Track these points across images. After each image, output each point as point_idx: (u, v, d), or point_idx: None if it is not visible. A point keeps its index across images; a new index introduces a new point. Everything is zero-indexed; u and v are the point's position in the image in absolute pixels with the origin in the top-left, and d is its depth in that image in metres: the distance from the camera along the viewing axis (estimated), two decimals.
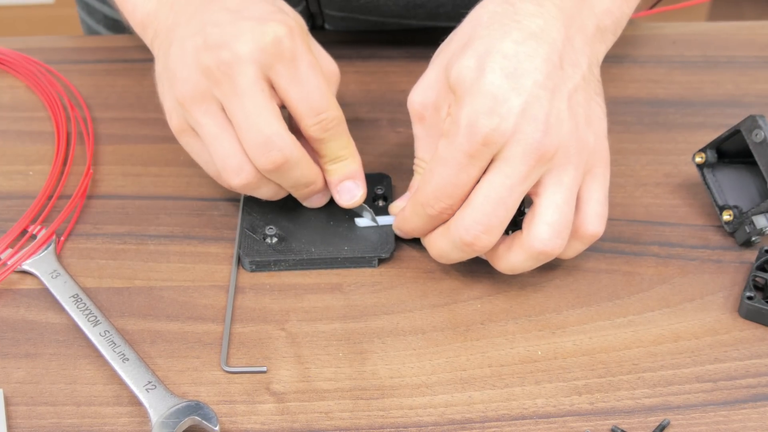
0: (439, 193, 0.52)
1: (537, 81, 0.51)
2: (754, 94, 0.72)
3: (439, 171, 0.52)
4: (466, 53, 0.52)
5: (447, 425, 0.50)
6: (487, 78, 0.50)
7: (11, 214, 0.60)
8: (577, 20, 0.55)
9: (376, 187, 0.61)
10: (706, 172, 0.61)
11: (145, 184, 0.64)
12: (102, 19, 0.87)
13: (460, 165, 0.51)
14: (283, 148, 0.53)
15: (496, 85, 0.50)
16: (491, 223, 0.51)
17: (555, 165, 0.51)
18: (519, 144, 0.50)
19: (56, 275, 0.56)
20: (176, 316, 0.55)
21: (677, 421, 0.50)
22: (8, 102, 0.70)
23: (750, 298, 0.55)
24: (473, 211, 0.51)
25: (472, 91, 0.51)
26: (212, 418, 0.48)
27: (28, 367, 0.52)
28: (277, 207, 0.60)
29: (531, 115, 0.50)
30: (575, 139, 0.52)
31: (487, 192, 0.51)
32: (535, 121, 0.50)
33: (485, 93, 0.50)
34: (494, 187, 0.51)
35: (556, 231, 0.52)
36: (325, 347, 0.54)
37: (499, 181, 0.51)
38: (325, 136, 0.55)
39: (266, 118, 0.53)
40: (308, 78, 0.54)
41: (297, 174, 0.55)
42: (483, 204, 0.51)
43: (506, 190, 0.51)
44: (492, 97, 0.50)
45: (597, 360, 0.53)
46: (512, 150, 0.50)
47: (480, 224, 0.51)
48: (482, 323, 0.55)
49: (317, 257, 0.58)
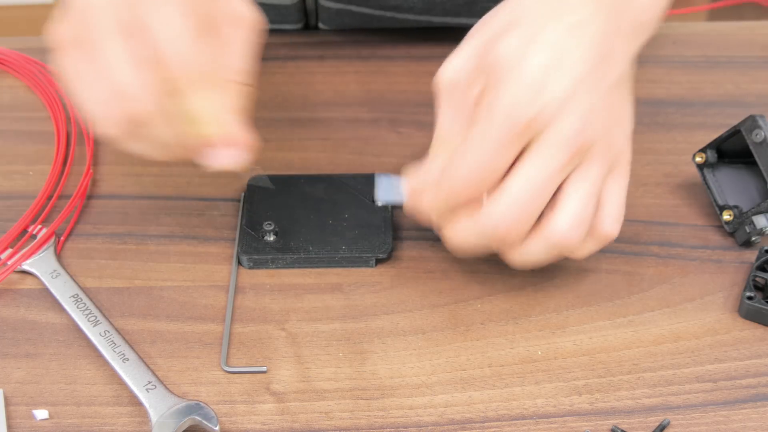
0: (471, 178, 0.50)
1: (580, 73, 0.49)
2: (754, 94, 0.72)
3: (472, 155, 0.49)
4: (511, 36, 0.50)
5: (447, 425, 0.50)
6: (532, 63, 0.49)
7: (11, 214, 0.60)
8: (619, 15, 0.53)
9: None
10: (706, 172, 0.61)
11: (145, 184, 0.64)
12: None
13: (495, 150, 0.49)
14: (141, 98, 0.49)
15: (540, 72, 0.49)
16: (525, 214, 0.49)
17: (585, 159, 0.50)
18: (558, 134, 0.49)
19: (56, 275, 0.56)
20: (176, 316, 0.55)
21: (677, 421, 0.50)
22: (8, 102, 0.70)
23: (750, 298, 0.55)
24: (508, 202, 0.49)
25: (513, 75, 0.49)
26: (212, 418, 0.48)
27: (28, 367, 0.52)
28: (277, 205, 0.60)
29: (572, 106, 0.49)
30: (608, 136, 0.51)
31: (523, 182, 0.49)
32: (575, 113, 0.49)
33: (529, 78, 0.49)
34: (531, 177, 0.49)
35: (576, 222, 0.50)
36: (325, 347, 0.54)
37: (536, 172, 0.49)
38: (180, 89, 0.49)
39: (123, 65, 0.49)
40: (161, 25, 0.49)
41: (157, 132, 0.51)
42: (519, 194, 0.49)
43: (542, 180, 0.49)
44: (535, 84, 0.48)
45: (597, 360, 0.53)
46: (550, 140, 0.49)
47: (514, 215, 0.49)
48: (482, 323, 0.55)
49: (315, 256, 0.58)
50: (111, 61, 0.49)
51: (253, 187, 0.62)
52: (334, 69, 0.72)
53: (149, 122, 0.50)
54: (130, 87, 0.49)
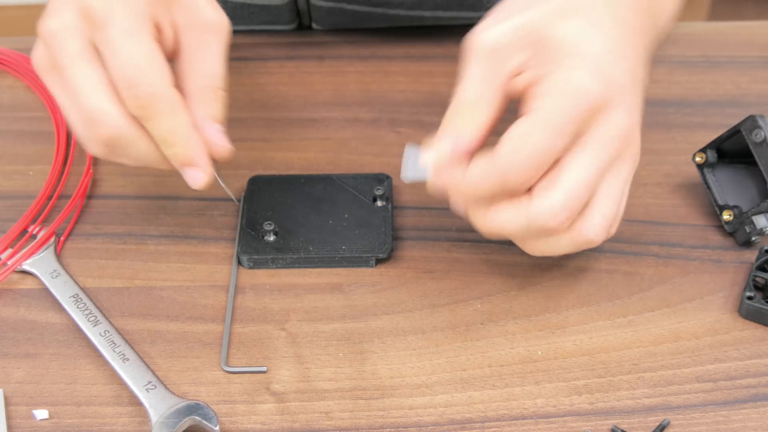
0: (532, 161, 0.47)
1: (632, 69, 0.50)
2: (754, 94, 0.72)
3: (536, 136, 0.47)
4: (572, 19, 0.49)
5: (447, 425, 0.50)
6: (599, 46, 0.48)
7: (11, 214, 0.60)
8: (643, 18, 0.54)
9: (376, 187, 0.61)
10: (706, 172, 0.61)
11: (145, 184, 0.64)
12: None
13: (561, 129, 0.47)
14: (111, 123, 0.49)
15: (605, 57, 0.48)
16: (578, 208, 0.48)
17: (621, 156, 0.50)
18: (612, 126, 0.48)
19: (56, 275, 0.56)
20: (176, 316, 0.55)
21: (677, 421, 0.50)
22: (8, 102, 0.70)
23: (750, 298, 0.55)
24: (562, 195, 0.47)
25: (581, 54, 0.48)
26: (212, 418, 0.48)
27: (28, 367, 0.52)
28: (277, 205, 0.60)
29: (625, 100, 0.48)
30: (638, 133, 0.50)
31: (577, 174, 0.47)
32: (627, 107, 0.48)
33: (596, 59, 0.48)
34: (585, 169, 0.47)
35: (607, 225, 0.49)
36: (325, 347, 0.54)
37: (588, 163, 0.48)
38: (143, 113, 0.50)
39: (91, 90, 0.49)
40: (121, 45, 0.49)
41: (135, 152, 0.51)
42: (574, 187, 0.47)
43: (596, 173, 0.48)
44: (601, 65, 0.48)
45: (597, 360, 0.53)
46: (604, 130, 0.48)
47: (567, 210, 0.48)
48: (482, 323, 0.55)
49: (315, 256, 0.58)
50: (79, 87, 0.50)
51: (252, 188, 0.62)
52: (334, 69, 0.72)
53: (123, 144, 0.51)
54: (98, 112, 0.49)
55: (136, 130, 0.50)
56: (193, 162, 0.52)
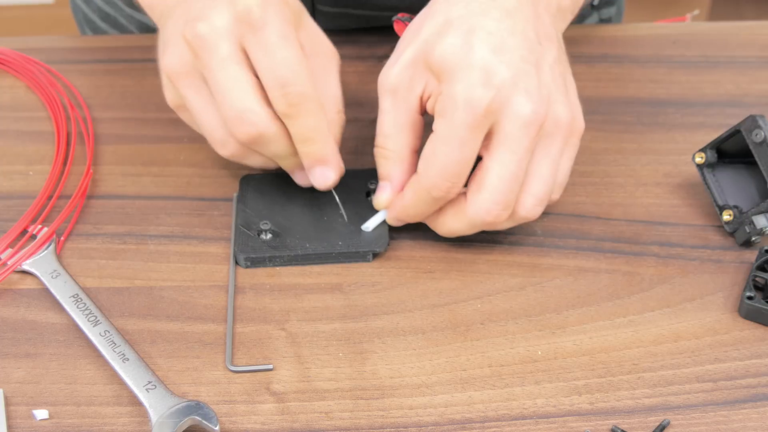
0: (446, 173, 0.53)
1: (522, 56, 0.52)
2: (754, 94, 0.72)
3: (442, 150, 0.52)
4: (449, 32, 0.52)
5: (447, 425, 0.50)
6: (477, 53, 0.51)
7: (11, 214, 0.60)
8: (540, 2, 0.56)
9: (369, 182, 0.61)
10: (706, 172, 0.61)
11: (145, 184, 0.64)
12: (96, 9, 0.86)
13: (463, 140, 0.52)
14: (257, 122, 0.53)
15: (486, 60, 0.51)
16: (508, 200, 0.53)
17: (543, 135, 0.53)
18: (517, 118, 0.51)
19: (56, 275, 0.56)
20: (176, 316, 0.55)
21: (677, 421, 0.50)
22: (8, 102, 0.70)
23: (750, 298, 0.55)
24: (491, 193, 0.53)
25: (463, 67, 0.51)
26: (212, 418, 0.48)
27: (28, 367, 0.52)
28: (271, 203, 0.60)
29: (523, 87, 0.51)
30: (561, 110, 0.53)
31: (499, 172, 0.52)
32: (528, 93, 0.51)
33: (478, 67, 0.51)
34: (505, 165, 0.52)
35: (540, 201, 0.54)
36: (325, 347, 0.54)
37: (508, 158, 0.52)
38: (291, 111, 0.54)
39: (239, 91, 0.53)
40: (277, 47, 0.53)
41: (274, 149, 0.55)
42: (498, 184, 0.52)
43: (516, 165, 0.52)
44: (485, 71, 0.51)
45: (597, 360, 0.53)
46: (511, 125, 0.51)
47: (499, 204, 0.53)
48: (482, 323, 0.55)
49: (312, 252, 0.58)
50: (228, 88, 0.53)
51: (245, 187, 0.62)
52: None
53: (266, 142, 0.54)
54: (246, 111, 0.53)
55: (278, 129, 0.54)
56: (327, 160, 0.57)
